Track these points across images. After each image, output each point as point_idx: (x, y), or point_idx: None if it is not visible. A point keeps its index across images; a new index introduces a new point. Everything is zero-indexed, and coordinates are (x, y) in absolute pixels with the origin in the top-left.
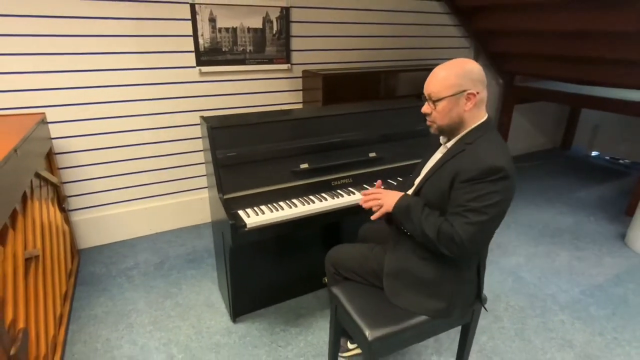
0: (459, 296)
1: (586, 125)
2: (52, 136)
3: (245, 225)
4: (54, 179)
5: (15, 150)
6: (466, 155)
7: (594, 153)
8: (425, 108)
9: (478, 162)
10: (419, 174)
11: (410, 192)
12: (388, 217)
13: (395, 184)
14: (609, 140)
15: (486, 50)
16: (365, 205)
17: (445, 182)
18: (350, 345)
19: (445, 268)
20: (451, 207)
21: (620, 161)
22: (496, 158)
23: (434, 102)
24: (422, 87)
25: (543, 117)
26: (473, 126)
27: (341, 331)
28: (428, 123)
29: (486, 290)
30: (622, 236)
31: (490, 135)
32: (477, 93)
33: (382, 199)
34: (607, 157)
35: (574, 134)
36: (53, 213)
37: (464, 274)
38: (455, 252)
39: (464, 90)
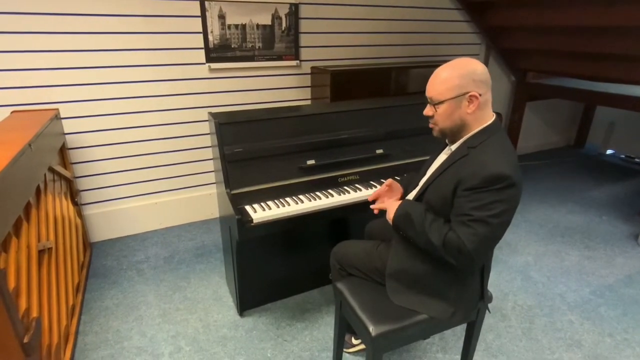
0: (461, 298)
1: (601, 123)
2: (66, 131)
3: (251, 220)
4: (67, 174)
5: (29, 145)
6: (470, 161)
7: (609, 151)
8: (427, 110)
9: (482, 170)
10: (424, 174)
11: (414, 192)
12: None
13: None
14: (624, 138)
15: (497, 46)
16: (376, 211)
17: (447, 188)
18: (354, 341)
19: (447, 271)
20: (455, 216)
21: (636, 160)
22: (501, 165)
23: (435, 104)
24: None
25: (556, 114)
26: (478, 129)
27: (346, 327)
28: (430, 126)
29: (494, 289)
30: (635, 236)
31: (497, 138)
32: (480, 95)
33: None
34: (622, 156)
35: (588, 132)
36: (66, 207)
37: (467, 277)
38: (461, 262)
39: (466, 92)
